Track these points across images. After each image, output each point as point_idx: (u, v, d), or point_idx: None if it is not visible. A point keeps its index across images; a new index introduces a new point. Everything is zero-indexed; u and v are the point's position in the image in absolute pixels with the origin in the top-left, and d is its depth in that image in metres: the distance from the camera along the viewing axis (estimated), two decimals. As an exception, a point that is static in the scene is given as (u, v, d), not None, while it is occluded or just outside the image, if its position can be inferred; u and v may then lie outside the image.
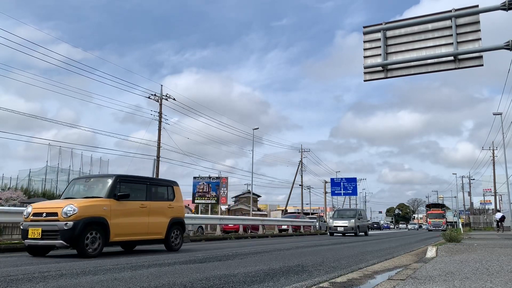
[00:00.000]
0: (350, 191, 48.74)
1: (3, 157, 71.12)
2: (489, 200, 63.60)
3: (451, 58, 11.91)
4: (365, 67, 13.07)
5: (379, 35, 12.93)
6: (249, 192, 47.19)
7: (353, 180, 48.70)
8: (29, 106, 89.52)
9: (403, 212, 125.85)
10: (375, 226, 69.03)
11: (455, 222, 55.13)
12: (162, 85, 38.53)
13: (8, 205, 22.67)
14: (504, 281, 4.21)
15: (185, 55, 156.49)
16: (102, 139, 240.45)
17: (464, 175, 72.81)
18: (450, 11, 11.95)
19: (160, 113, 30.49)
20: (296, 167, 51.76)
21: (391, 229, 77.11)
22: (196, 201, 37.47)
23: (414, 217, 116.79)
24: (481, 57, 11.66)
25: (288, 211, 56.16)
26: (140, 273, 5.65)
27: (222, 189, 38.28)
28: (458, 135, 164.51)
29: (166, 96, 30.89)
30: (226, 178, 39.55)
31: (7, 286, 4.49)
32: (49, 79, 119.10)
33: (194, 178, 38.34)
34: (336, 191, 48.66)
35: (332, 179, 49.88)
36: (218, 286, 4.55)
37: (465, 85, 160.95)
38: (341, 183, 48.07)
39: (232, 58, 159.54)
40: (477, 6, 11.69)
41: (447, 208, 65.44)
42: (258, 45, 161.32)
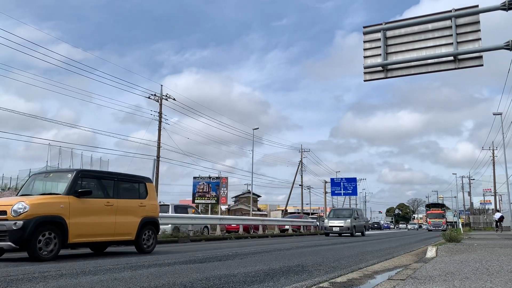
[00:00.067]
0: (350, 191, 48.79)
1: (3, 157, 71.21)
2: (489, 200, 63.60)
3: (451, 58, 11.93)
4: (365, 67, 13.08)
5: (379, 35, 12.94)
6: (249, 192, 47.21)
7: (353, 180, 48.75)
8: (29, 106, 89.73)
9: (403, 212, 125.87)
10: (376, 226, 69.34)
11: (455, 222, 55.11)
12: (162, 85, 38.55)
13: None
14: (504, 281, 4.21)
15: (185, 55, 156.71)
16: (102, 139, 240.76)
17: (464, 175, 72.92)
18: (450, 11, 11.96)
19: (160, 113, 30.50)
20: (296, 167, 51.83)
21: (391, 229, 77.15)
22: (196, 201, 37.47)
23: (414, 217, 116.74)
24: (481, 57, 11.68)
25: (288, 211, 56.19)
26: (140, 273, 5.65)
27: (222, 189, 38.29)
28: (458, 135, 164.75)
29: (166, 96, 30.91)
30: (226, 178, 39.58)
31: (7, 286, 4.49)
32: (49, 79, 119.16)
33: (194, 178, 38.36)
34: (336, 191, 48.70)
35: (332, 179, 49.92)
36: (218, 286, 4.55)
37: (465, 85, 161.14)
38: (341, 183, 48.11)
39: (232, 58, 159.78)
40: (477, 6, 11.70)
41: (447, 208, 65.39)
42: (258, 45, 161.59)
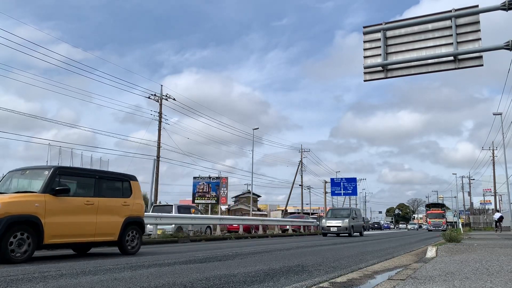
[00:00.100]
0: (350, 191, 48.79)
1: (3, 157, 71.26)
2: (489, 200, 63.63)
3: (451, 58, 11.93)
4: (365, 67, 13.08)
5: (379, 35, 12.94)
6: (249, 192, 47.22)
7: (353, 180, 48.75)
8: (29, 106, 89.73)
9: (403, 212, 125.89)
10: (376, 226, 69.60)
11: (455, 222, 55.10)
12: (162, 85, 38.55)
13: None
14: (504, 281, 4.21)
15: (185, 55, 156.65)
16: (102, 139, 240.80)
17: (464, 175, 72.99)
18: (450, 11, 11.97)
19: (160, 113, 30.51)
20: (296, 167, 51.86)
21: (391, 229, 77.20)
22: (196, 201, 37.48)
23: (414, 217, 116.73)
24: (481, 57, 11.68)
25: (288, 211, 56.20)
26: (140, 273, 5.65)
27: (222, 189, 38.30)
28: (458, 135, 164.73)
29: (166, 96, 30.92)
30: (226, 178, 39.58)
31: (7, 286, 4.49)
32: (49, 79, 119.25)
33: (194, 178, 38.37)
34: (336, 191, 48.70)
35: (332, 179, 49.93)
36: (218, 286, 4.55)
37: (465, 85, 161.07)
38: (341, 183, 48.11)
39: (232, 58, 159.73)
40: (477, 6, 11.70)
41: (447, 208, 65.35)
42: (258, 45, 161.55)
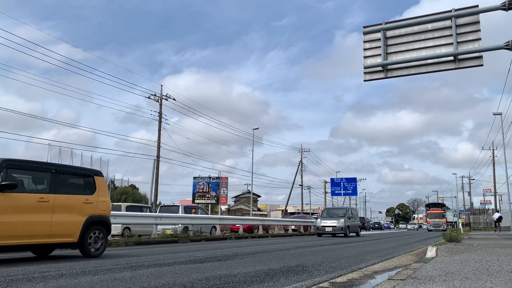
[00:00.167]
0: (350, 191, 48.83)
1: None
2: (489, 200, 63.68)
3: (451, 58, 11.94)
4: (365, 67, 13.09)
5: (379, 35, 12.95)
6: (249, 192, 47.24)
7: (353, 180, 48.80)
8: (29, 106, 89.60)
9: (403, 212, 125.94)
10: (377, 226, 69.94)
11: (455, 222, 55.12)
12: (162, 85, 38.59)
13: None
14: (504, 281, 4.21)
15: (185, 55, 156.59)
16: (102, 139, 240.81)
17: (464, 175, 73.05)
18: (450, 11, 11.97)
19: (160, 113, 30.51)
20: (296, 167, 51.87)
21: (391, 229, 77.27)
22: (196, 201, 37.46)
23: (414, 217, 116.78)
24: (481, 57, 11.68)
25: (288, 211, 56.22)
26: (140, 273, 5.64)
27: (222, 189, 38.30)
28: (458, 135, 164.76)
29: (166, 96, 30.93)
30: (226, 178, 39.58)
31: (7, 286, 4.49)
32: (49, 79, 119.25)
33: (194, 178, 38.38)
34: (336, 191, 48.74)
35: (332, 179, 49.96)
36: (218, 286, 4.55)
37: (465, 85, 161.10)
38: (341, 183, 48.15)
39: (232, 58, 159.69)
40: (477, 6, 11.71)
41: (447, 208, 65.35)
42: (258, 45, 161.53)
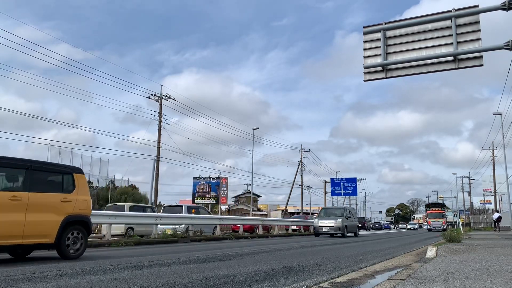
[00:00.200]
0: (350, 191, 48.86)
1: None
2: (489, 200, 63.70)
3: (451, 58, 11.94)
4: (365, 67, 13.09)
5: (379, 35, 12.95)
6: (249, 192, 47.23)
7: (353, 180, 48.83)
8: (29, 106, 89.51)
9: (403, 212, 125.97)
10: (377, 226, 70.23)
11: (455, 222, 55.11)
12: (162, 85, 38.60)
13: None
14: (504, 281, 4.21)
15: (185, 55, 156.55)
16: (102, 139, 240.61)
17: (464, 175, 73.14)
18: (450, 11, 11.98)
19: (160, 113, 30.52)
20: (296, 167, 51.88)
21: (391, 229, 77.32)
22: (196, 201, 37.48)
23: (414, 217, 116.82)
24: (481, 57, 11.69)
25: (288, 211, 56.22)
26: (140, 273, 5.64)
27: (222, 189, 38.32)
28: (458, 135, 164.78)
29: (166, 96, 30.94)
30: (226, 178, 39.61)
31: (7, 286, 4.49)
32: (49, 79, 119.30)
33: (194, 178, 38.41)
34: (336, 191, 48.76)
35: (332, 179, 49.99)
36: (218, 286, 4.55)
37: (465, 85, 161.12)
38: (341, 183, 48.18)
39: (232, 58, 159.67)
40: (477, 6, 11.71)
41: (447, 208, 65.33)
42: (258, 45, 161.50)
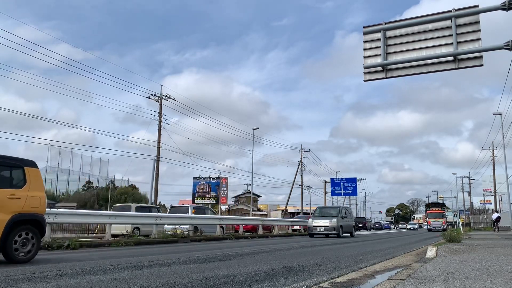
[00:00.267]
0: (350, 191, 48.90)
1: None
2: (489, 200, 63.71)
3: (451, 58, 11.94)
4: (365, 67, 13.09)
5: (379, 35, 12.95)
6: (249, 192, 47.24)
7: (353, 180, 48.86)
8: (29, 106, 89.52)
9: (403, 212, 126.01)
10: (377, 226, 70.50)
11: (455, 222, 55.10)
12: (162, 85, 38.62)
13: None
14: (504, 281, 4.21)
15: (185, 55, 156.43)
16: (102, 139, 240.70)
17: (464, 175, 73.15)
18: (450, 11, 11.97)
19: (160, 113, 30.52)
20: (296, 167, 51.90)
21: (392, 229, 77.37)
22: (196, 201, 37.49)
23: (414, 217, 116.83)
24: (481, 57, 11.68)
25: (288, 211, 56.22)
26: (140, 273, 5.64)
27: (222, 189, 38.33)
28: (458, 135, 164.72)
29: (166, 96, 30.95)
30: (226, 178, 39.62)
31: (7, 286, 4.49)
32: (49, 79, 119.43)
33: (194, 178, 38.42)
34: (336, 191, 48.79)
35: (332, 179, 50.01)
36: (218, 286, 4.55)
37: (465, 85, 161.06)
38: (341, 183, 48.20)
39: (232, 58, 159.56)
40: (477, 6, 11.71)
41: (447, 208, 65.32)
42: (258, 45, 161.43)
